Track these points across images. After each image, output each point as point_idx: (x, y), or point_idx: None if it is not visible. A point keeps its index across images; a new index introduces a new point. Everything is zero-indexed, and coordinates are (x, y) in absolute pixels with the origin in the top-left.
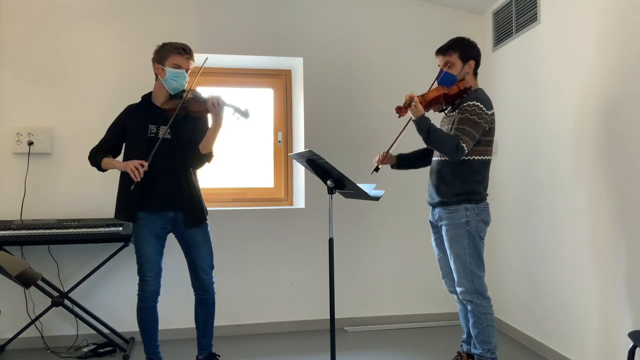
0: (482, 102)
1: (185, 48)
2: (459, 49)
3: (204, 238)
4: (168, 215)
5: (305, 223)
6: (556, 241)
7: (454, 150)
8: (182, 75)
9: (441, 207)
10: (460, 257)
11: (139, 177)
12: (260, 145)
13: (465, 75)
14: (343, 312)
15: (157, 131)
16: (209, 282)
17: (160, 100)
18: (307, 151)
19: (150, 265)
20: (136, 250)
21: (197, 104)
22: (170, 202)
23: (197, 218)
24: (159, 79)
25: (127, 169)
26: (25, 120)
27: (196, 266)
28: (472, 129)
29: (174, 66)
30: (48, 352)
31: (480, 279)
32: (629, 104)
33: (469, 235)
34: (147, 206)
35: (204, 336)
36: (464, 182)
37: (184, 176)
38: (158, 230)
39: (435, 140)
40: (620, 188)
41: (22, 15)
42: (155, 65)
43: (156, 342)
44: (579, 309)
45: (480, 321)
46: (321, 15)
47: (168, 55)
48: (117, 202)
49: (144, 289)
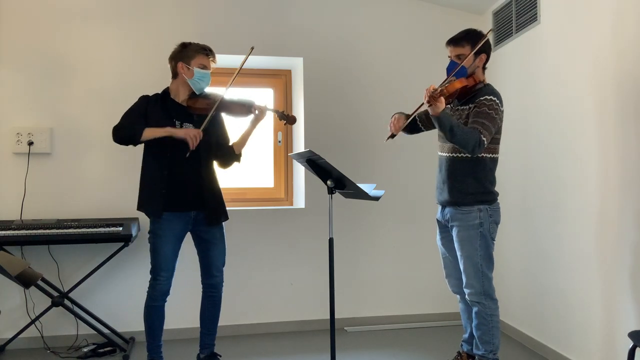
0: (498, 98)
1: (211, 49)
2: (472, 41)
3: (222, 236)
4: (191, 215)
5: (305, 223)
6: (557, 241)
7: (477, 145)
8: (208, 76)
9: (453, 208)
10: (471, 259)
11: (194, 146)
12: (260, 145)
13: (476, 69)
14: (343, 312)
15: (182, 127)
16: (220, 279)
17: (180, 97)
18: (307, 151)
19: (166, 266)
20: (153, 248)
21: (232, 106)
22: (193, 201)
23: (218, 217)
24: (181, 78)
25: (187, 136)
26: (25, 120)
27: (211, 264)
28: (490, 124)
29: (201, 66)
30: (48, 352)
31: (489, 281)
32: (629, 103)
33: (482, 236)
34: (171, 206)
35: (209, 334)
36: (476, 180)
37: (208, 175)
38: (180, 232)
39: (459, 135)
40: (623, 187)
41: (22, 15)
42: (180, 64)
43: (159, 341)
44: (580, 309)
45: (486, 322)
46: (321, 15)
47: (194, 55)
48: (140, 195)
49: (155, 287)
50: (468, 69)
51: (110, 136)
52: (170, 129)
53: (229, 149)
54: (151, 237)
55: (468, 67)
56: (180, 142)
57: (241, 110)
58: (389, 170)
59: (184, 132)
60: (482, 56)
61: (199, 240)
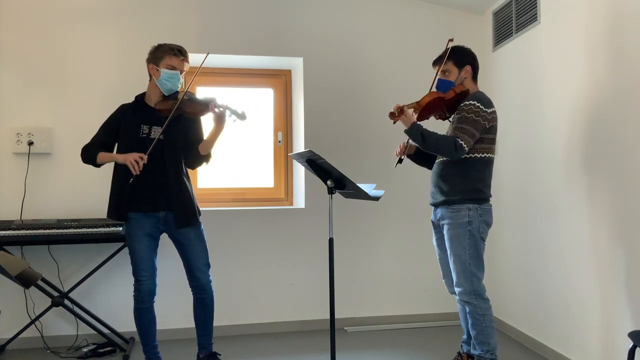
0: (479, 101)
1: (181, 49)
2: (453, 57)
3: (197, 237)
4: (159, 216)
5: (305, 223)
6: (556, 241)
7: (452, 150)
8: (177, 77)
9: (444, 207)
10: (460, 257)
11: (138, 170)
12: (260, 145)
13: (463, 80)
14: (343, 312)
15: (149, 131)
16: (205, 280)
17: (153, 100)
18: (307, 151)
19: (144, 265)
20: (130, 250)
21: (193, 105)
22: (160, 202)
23: (187, 218)
24: (152, 80)
25: (127, 161)
26: (25, 120)
27: (191, 265)
28: (470, 127)
29: (169, 67)
30: (48, 352)
31: (479, 280)
32: (629, 103)
33: (471, 235)
34: (137, 207)
35: (204, 335)
36: (466, 179)
37: (175, 177)
38: (150, 230)
39: (431, 143)
40: (621, 187)
41: (22, 15)
42: (150, 65)
43: (154, 342)
44: (579, 308)
45: (479, 322)
46: (321, 15)
47: (163, 56)
48: (109, 201)
49: (139, 289)
50: (455, 82)
51: None
52: (114, 155)
53: (196, 150)
54: (127, 240)
55: (455, 79)
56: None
57: (198, 110)
58: (389, 170)
59: (123, 158)
60: (467, 68)
61: (175, 242)
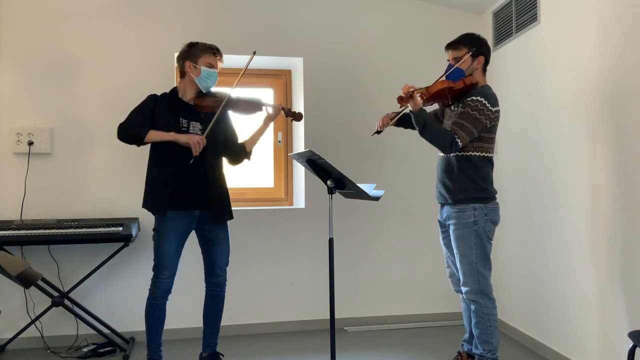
0: (487, 98)
1: (218, 49)
2: (469, 44)
3: (226, 236)
4: (195, 214)
5: (305, 223)
6: (557, 241)
7: (447, 145)
8: (215, 75)
9: (449, 206)
10: (467, 257)
11: (198, 152)
12: (260, 145)
13: (474, 71)
14: (343, 312)
15: (189, 126)
16: (223, 279)
17: (187, 96)
18: (307, 151)
19: (169, 264)
20: (157, 246)
21: (242, 104)
22: (199, 200)
23: (224, 215)
24: (188, 77)
25: (190, 141)
26: (25, 120)
27: (214, 263)
28: (470, 125)
29: (208, 65)
30: (48, 352)
31: (485, 279)
32: (629, 102)
33: (477, 235)
34: (176, 205)
35: (211, 333)
36: (469, 178)
37: (214, 174)
38: (183, 230)
39: (429, 133)
40: (622, 187)
41: (22, 15)
42: (187, 63)
43: (160, 340)
44: (579, 308)
45: (483, 321)
46: (321, 15)
47: (201, 54)
48: (146, 193)
49: (157, 285)
50: (466, 71)
51: (111, 136)
52: (174, 134)
53: (239, 147)
54: (155, 235)
55: (466, 69)
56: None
57: (248, 108)
58: (389, 170)
59: (186, 138)
60: (480, 58)
61: (203, 239)
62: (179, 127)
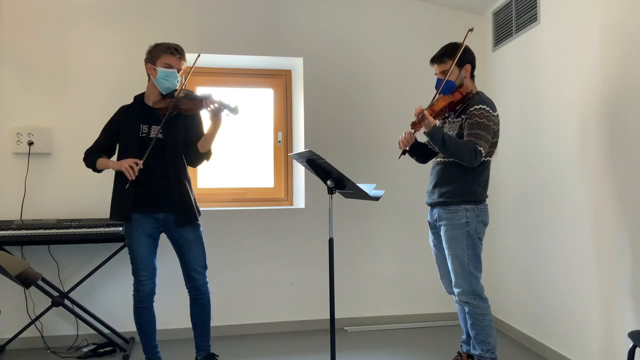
0: (488, 105)
1: (177, 48)
2: (453, 55)
3: (196, 238)
4: (159, 217)
5: (305, 223)
6: (556, 241)
7: (472, 156)
8: (174, 75)
9: (441, 207)
10: (458, 258)
11: (133, 175)
12: (260, 145)
13: (463, 79)
14: (343, 312)
15: (149, 131)
16: (202, 282)
17: (152, 100)
18: (307, 151)
19: (144, 265)
20: (130, 250)
21: (189, 102)
22: (161, 203)
23: (188, 218)
24: (151, 79)
25: (121, 167)
26: (25, 120)
27: (188, 267)
28: (484, 132)
29: (166, 66)
30: (48, 352)
31: (477, 280)
32: (629, 103)
33: (468, 236)
34: (139, 207)
35: (201, 336)
36: (464, 182)
37: (175, 176)
38: (150, 230)
39: (452, 148)
40: (621, 187)
41: (22, 15)
42: (148, 65)
43: (154, 342)
44: (579, 308)
45: (478, 322)
46: (321, 15)
47: (160, 55)
48: (112, 202)
49: (139, 289)
50: (456, 82)
51: None
52: (107, 161)
53: (195, 148)
54: (126, 239)
55: (455, 80)
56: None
57: (194, 107)
58: (389, 170)
59: (117, 165)
60: (467, 66)
61: (174, 244)
62: (138, 134)
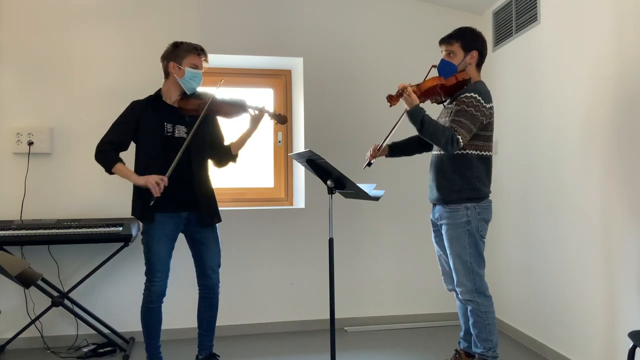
0: (481, 94)
1: (202, 49)
2: (461, 38)
3: (215, 237)
4: (182, 216)
5: (305, 223)
6: (557, 241)
7: (448, 142)
8: (200, 76)
9: (441, 206)
10: (461, 257)
11: (159, 192)
12: (260, 145)
13: (467, 66)
14: (343, 312)
15: (173, 130)
16: (216, 281)
17: (172, 98)
18: (307, 151)
19: (161, 266)
20: (147, 250)
21: (225, 105)
22: (185, 203)
23: (211, 218)
24: (172, 78)
25: (147, 184)
26: (25, 120)
27: (205, 265)
28: (468, 121)
29: (192, 66)
30: (48, 352)
31: (481, 278)
32: (629, 103)
33: (470, 234)
34: (163, 207)
35: (206, 335)
36: (463, 177)
37: (200, 176)
38: (171, 232)
39: (429, 131)
40: (621, 187)
41: (22, 15)
42: (171, 64)
43: (158, 342)
44: (580, 309)
45: (481, 320)
46: (321, 15)
47: (185, 55)
48: (134, 201)
49: (151, 289)
50: (458, 66)
51: None
52: (134, 176)
53: (225, 149)
54: (144, 238)
55: (458, 64)
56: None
57: (233, 110)
58: (389, 170)
59: (144, 180)
60: (474, 53)
61: (192, 241)
62: (163, 133)
